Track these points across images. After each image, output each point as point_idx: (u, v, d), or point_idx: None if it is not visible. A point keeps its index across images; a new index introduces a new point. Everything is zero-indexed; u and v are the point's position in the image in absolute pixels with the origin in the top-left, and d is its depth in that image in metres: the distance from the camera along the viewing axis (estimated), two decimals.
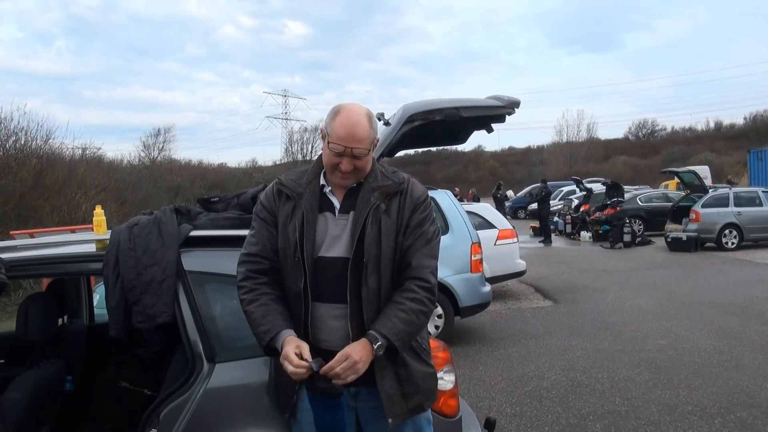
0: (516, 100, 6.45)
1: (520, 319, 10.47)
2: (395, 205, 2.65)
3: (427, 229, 2.67)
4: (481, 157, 76.97)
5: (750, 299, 11.31)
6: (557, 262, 17.67)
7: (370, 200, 2.62)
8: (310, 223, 2.62)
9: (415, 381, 2.63)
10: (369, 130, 2.62)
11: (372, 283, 2.56)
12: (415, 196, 2.68)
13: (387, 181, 2.69)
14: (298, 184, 2.72)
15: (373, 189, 2.65)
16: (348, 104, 2.66)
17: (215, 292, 3.16)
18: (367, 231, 2.57)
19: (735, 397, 6.32)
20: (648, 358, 7.83)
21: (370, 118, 2.65)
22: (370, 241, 2.56)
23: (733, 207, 19.36)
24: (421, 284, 2.59)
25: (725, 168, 48.71)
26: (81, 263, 3.44)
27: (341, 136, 2.56)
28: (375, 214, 2.60)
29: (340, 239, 2.63)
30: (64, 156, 19.41)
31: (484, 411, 5.92)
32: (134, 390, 4.40)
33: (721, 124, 75.24)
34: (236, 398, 2.88)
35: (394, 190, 2.67)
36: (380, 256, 2.58)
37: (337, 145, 2.56)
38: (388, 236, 2.60)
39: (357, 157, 2.59)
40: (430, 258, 2.66)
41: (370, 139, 2.62)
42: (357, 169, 2.62)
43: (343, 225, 2.64)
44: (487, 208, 12.72)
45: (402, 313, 2.54)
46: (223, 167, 47.62)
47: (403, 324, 2.52)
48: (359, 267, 2.56)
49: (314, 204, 2.66)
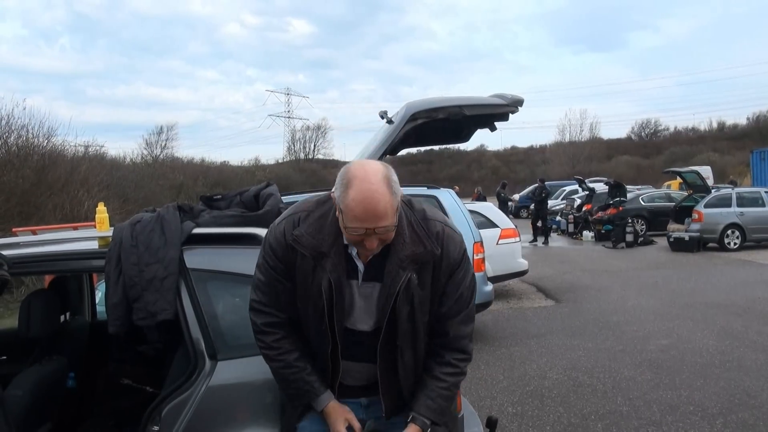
0: (519, 99, 6.44)
1: (521, 319, 10.47)
2: (428, 273, 2.37)
3: (464, 292, 2.45)
4: (484, 156, 76.97)
5: (752, 300, 11.30)
6: (559, 261, 17.67)
7: (400, 274, 2.33)
8: (339, 292, 2.37)
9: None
10: (391, 199, 2.22)
11: (408, 359, 2.45)
12: (452, 258, 2.40)
13: (418, 247, 2.34)
14: (319, 242, 2.36)
15: (402, 260, 2.33)
16: (360, 169, 2.26)
17: (217, 290, 3.16)
18: (399, 309, 2.34)
19: (737, 398, 6.32)
20: (650, 358, 7.83)
21: (388, 181, 2.23)
22: (403, 321, 2.36)
23: (736, 207, 19.34)
24: (460, 357, 2.49)
25: (728, 168, 48.68)
26: (83, 260, 3.44)
27: (358, 216, 2.20)
28: (407, 289, 2.33)
29: (368, 311, 2.44)
30: (67, 153, 19.45)
31: (485, 410, 5.92)
32: (136, 387, 4.40)
33: (724, 125, 75.25)
34: (238, 396, 2.87)
35: (427, 259, 2.36)
36: (415, 332, 2.41)
37: (356, 228, 2.23)
38: (422, 310, 2.39)
39: (383, 233, 2.26)
40: (468, 322, 2.50)
41: (395, 210, 2.24)
42: (385, 242, 2.31)
43: (368, 294, 2.42)
44: (490, 207, 12.72)
45: (445, 391, 2.47)
46: (226, 165, 47.74)
47: (445, 401, 2.47)
48: (392, 343, 2.40)
49: (341, 269, 2.37)
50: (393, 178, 2.25)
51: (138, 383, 4.41)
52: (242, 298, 3.19)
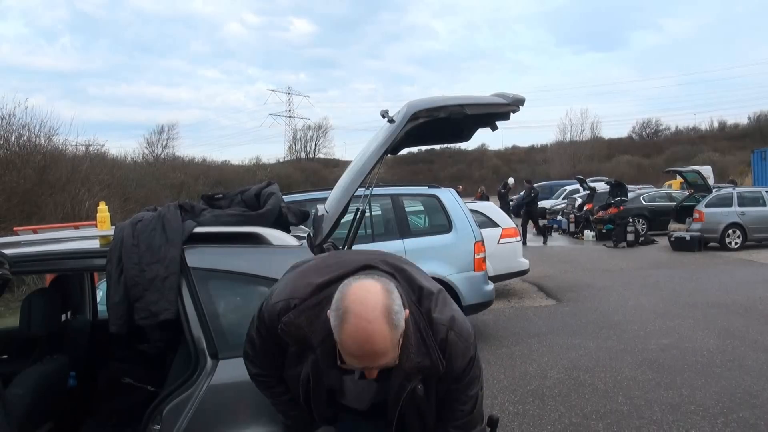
0: (521, 98, 6.42)
1: (522, 318, 10.47)
2: (433, 384, 2.26)
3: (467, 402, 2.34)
4: (485, 155, 76.89)
5: (753, 299, 11.29)
6: (560, 261, 17.66)
7: (405, 385, 2.20)
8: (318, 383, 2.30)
9: None
10: (390, 335, 2.03)
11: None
12: (455, 370, 2.25)
13: (425, 359, 2.18)
14: (310, 333, 2.22)
15: (408, 372, 2.18)
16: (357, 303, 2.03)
17: (219, 289, 3.16)
18: (406, 414, 2.26)
19: (738, 397, 6.31)
20: (651, 357, 7.83)
21: (388, 314, 2.02)
22: (410, 423, 2.29)
23: (737, 207, 19.32)
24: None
25: (729, 168, 48.65)
26: (84, 259, 3.44)
27: (354, 354, 2.04)
28: (412, 399, 2.23)
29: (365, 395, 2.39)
30: (68, 153, 19.47)
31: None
32: (137, 386, 4.40)
33: (725, 124, 75.22)
34: (239, 395, 2.87)
35: (432, 374, 2.21)
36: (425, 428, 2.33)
37: (353, 365, 2.09)
38: (430, 415, 2.30)
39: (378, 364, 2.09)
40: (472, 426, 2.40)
41: (395, 345, 2.06)
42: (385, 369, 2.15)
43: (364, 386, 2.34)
44: (491, 206, 12.72)
45: None
46: (227, 165, 47.82)
47: None
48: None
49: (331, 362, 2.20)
50: (394, 308, 2.04)
51: (139, 382, 4.41)
52: (243, 297, 3.19)
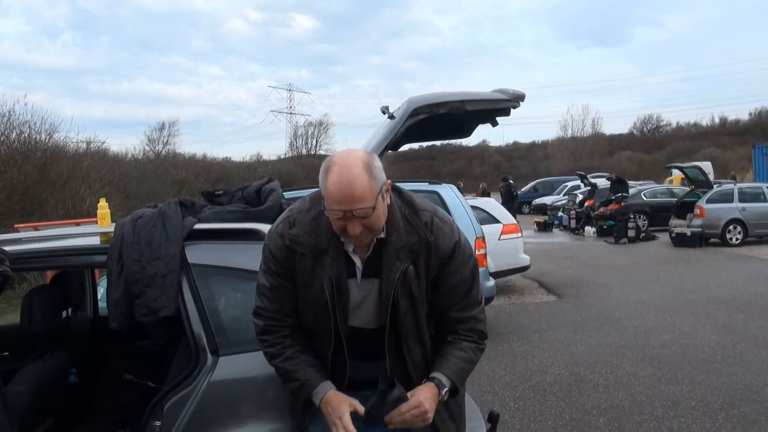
0: (521, 94, 6.43)
1: (523, 314, 10.48)
2: (422, 263, 2.37)
3: (460, 282, 2.43)
4: (486, 151, 76.83)
5: (754, 295, 11.30)
6: (561, 257, 17.67)
7: (397, 265, 2.34)
8: (340, 290, 2.37)
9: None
10: (369, 182, 2.22)
11: (416, 355, 2.44)
12: (441, 249, 2.38)
13: (413, 236, 2.35)
14: (317, 240, 2.37)
15: (398, 251, 2.34)
16: (340, 156, 2.29)
17: (219, 285, 3.16)
18: (400, 303, 2.34)
19: (738, 393, 6.32)
20: (652, 353, 7.83)
21: (368, 166, 2.24)
22: (404, 313, 2.36)
23: (738, 203, 19.33)
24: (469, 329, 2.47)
25: (730, 164, 48.68)
26: (85, 256, 3.44)
27: (336, 198, 2.21)
28: (404, 281, 2.33)
29: (368, 308, 2.44)
30: (69, 149, 19.47)
31: (487, 405, 5.92)
32: (138, 382, 4.40)
33: (726, 120, 75.09)
34: (240, 391, 2.87)
35: (421, 248, 2.36)
36: (418, 326, 2.41)
37: (335, 211, 2.23)
38: (422, 301, 2.39)
39: (365, 217, 2.23)
40: (471, 307, 2.47)
41: (373, 193, 2.22)
42: (369, 229, 2.28)
43: (368, 290, 2.43)
44: (492, 202, 12.73)
45: (461, 352, 2.43)
46: (228, 161, 47.69)
47: (463, 362, 2.43)
48: (398, 339, 2.40)
49: (341, 267, 2.37)
50: (374, 164, 2.26)
51: (140, 379, 4.42)
52: (244, 293, 3.19)
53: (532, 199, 39.21)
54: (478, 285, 2.50)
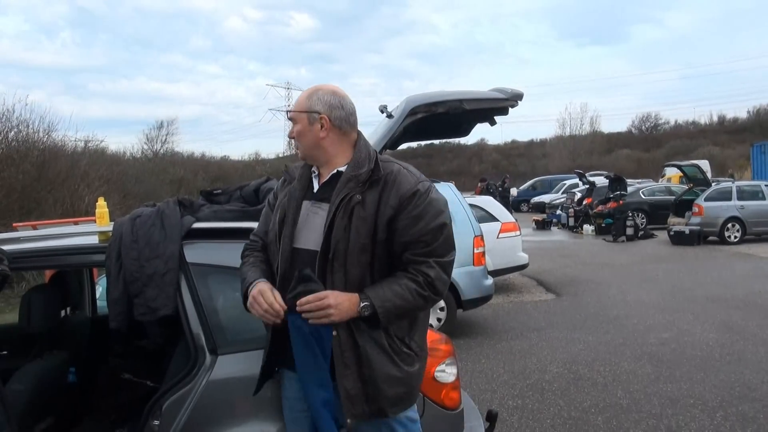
0: (519, 93, 6.44)
1: (522, 312, 10.48)
2: (374, 198, 2.49)
3: (421, 230, 2.48)
4: (484, 150, 76.78)
5: (752, 293, 11.31)
6: (560, 255, 17.67)
7: (343, 190, 2.50)
8: (291, 209, 2.63)
9: (378, 384, 2.48)
10: (303, 101, 2.65)
11: (337, 280, 2.47)
12: (401, 191, 2.49)
13: (360, 168, 2.54)
14: (296, 169, 2.76)
15: (348, 179, 2.53)
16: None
17: (218, 284, 3.17)
18: (336, 223, 2.46)
19: (737, 391, 6.33)
20: (650, 351, 7.84)
21: (314, 91, 2.65)
22: (338, 235, 2.46)
23: (736, 201, 19.34)
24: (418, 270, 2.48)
25: (728, 162, 48.69)
26: (84, 255, 3.45)
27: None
28: (347, 205, 2.47)
29: (313, 230, 2.56)
30: (67, 148, 19.43)
31: (486, 403, 5.93)
32: (137, 382, 4.41)
33: (725, 118, 74.97)
34: (239, 390, 2.87)
35: (365, 178, 2.51)
36: (347, 252, 2.46)
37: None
38: (358, 230, 2.46)
39: (293, 121, 2.66)
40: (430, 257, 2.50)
41: (299, 107, 2.64)
42: (297, 137, 2.65)
43: (316, 212, 2.60)
44: (490, 201, 12.72)
45: (396, 286, 2.46)
46: (226, 160, 47.53)
47: (392, 294, 2.44)
48: (325, 261, 2.48)
49: (301, 189, 2.67)
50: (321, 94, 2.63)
51: (138, 378, 4.42)
52: None
53: (531, 198, 39.25)
54: (446, 243, 2.55)
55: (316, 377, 2.50)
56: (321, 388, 2.50)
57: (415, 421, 2.68)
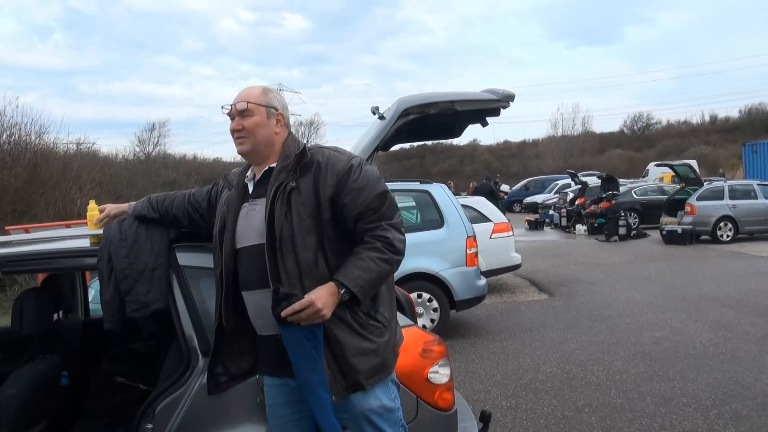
0: (511, 94, 6.45)
1: (515, 313, 10.49)
2: (309, 181, 2.58)
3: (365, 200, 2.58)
4: (477, 150, 76.69)
5: (745, 292, 11.34)
6: (552, 255, 17.70)
7: (276, 181, 2.59)
8: (231, 215, 2.69)
9: (347, 359, 2.54)
10: (259, 95, 2.70)
11: (289, 266, 2.53)
12: (335, 169, 2.60)
13: (289, 159, 2.65)
14: (234, 176, 2.85)
15: (279, 170, 2.63)
16: None
17: (210, 287, 3.15)
18: (276, 212, 2.54)
19: (730, 389, 6.34)
20: (643, 350, 7.85)
21: (268, 89, 2.74)
22: (280, 222, 2.53)
23: (728, 200, 19.40)
24: (374, 236, 2.57)
25: (720, 161, 48.83)
26: (76, 258, 3.44)
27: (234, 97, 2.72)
28: (283, 193, 2.56)
29: (253, 226, 2.63)
30: (59, 151, 19.39)
31: (479, 404, 5.94)
32: (130, 385, 4.40)
33: (716, 118, 75.01)
34: (231, 393, 2.87)
35: (294, 165, 2.62)
36: (293, 237, 2.53)
37: (226, 106, 2.73)
38: (300, 214, 2.54)
39: (242, 114, 2.67)
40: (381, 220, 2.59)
41: (257, 100, 2.68)
42: (248, 130, 2.67)
43: (253, 208, 2.67)
44: (482, 201, 12.73)
45: (359, 261, 2.53)
46: (218, 162, 47.52)
47: (360, 270, 2.50)
48: (273, 250, 2.53)
49: (237, 194, 2.74)
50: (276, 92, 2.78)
51: (131, 381, 4.42)
52: None
53: (523, 198, 39.33)
54: (391, 207, 2.65)
55: (317, 379, 2.51)
56: (323, 388, 2.52)
57: (392, 410, 2.70)
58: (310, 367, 2.50)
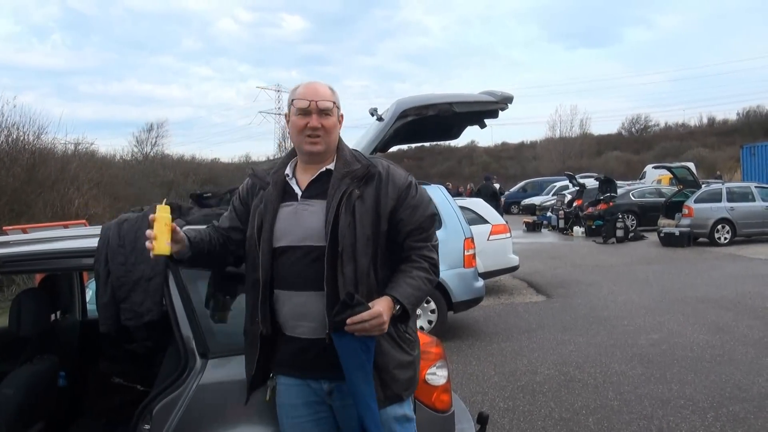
0: (509, 96, 6.45)
1: (513, 314, 10.49)
2: (371, 192, 2.60)
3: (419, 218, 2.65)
4: (475, 152, 76.70)
5: (742, 294, 11.35)
6: (550, 257, 17.70)
7: (341, 186, 2.58)
8: (269, 212, 2.64)
9: (390, 370, 2.58)
10: (332, 94, 2.66)
11: (348, 272, 2.52)
12: (398, 183, 2.64)
13: (356, 165, 2.64)
14: (267, 174, 2.76)
15: (343, 175, 2.61)
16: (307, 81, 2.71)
17: (209, 288, 3.16)
18: (341, 219, 2.52)
19: (727, 391, 6.35)
20: (641, 352, 7.86)
21: (332, 88, 2.68)
22: (344, 229, 2.52)
23: (726, 202, 19.42)
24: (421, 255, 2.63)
25: (718, 163, 48.85)
26: (74, 259, 3.44)
27: (303, 94, 2.61)
28: (348, 200, 2.55)
29: (302, 226, 2.60)
30: (57, 151, 19.40)
31: (477, 406, 5.93)
32: (127, 386, 4.40)
33: (714, 120, 75.07)
34: (229, 394, 2.87)
35: (362, 173, 2.61)
36: (355, 245, 2.54)
37: (302, 101, 2.60)
38: (363, 223, 2.55)
39: (324, 113, 2.61)
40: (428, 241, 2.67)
41: (334, 99, 2.65)
42: (325, 130, 2.62)
43: (304, 210, 2.63)
44: (480, 203, 12.72)
45: (410, 279, 2.57)
46: (217, 162, 47.55)
47: (412, 289, 2.55)
48: (334, 256, 2.52)
49: (278, 192, 2.68)
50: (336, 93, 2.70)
51: (129, 382, 4.42)
52: (233, 295, 3.19)
53: (521, 200, 39.34)
54: (434, 229, 2.74)
55: (369, 392, 2.53)
56: (373, 400, 2.53)
57: (411, 420, 2.76)
58: (362, 379, 2.50)
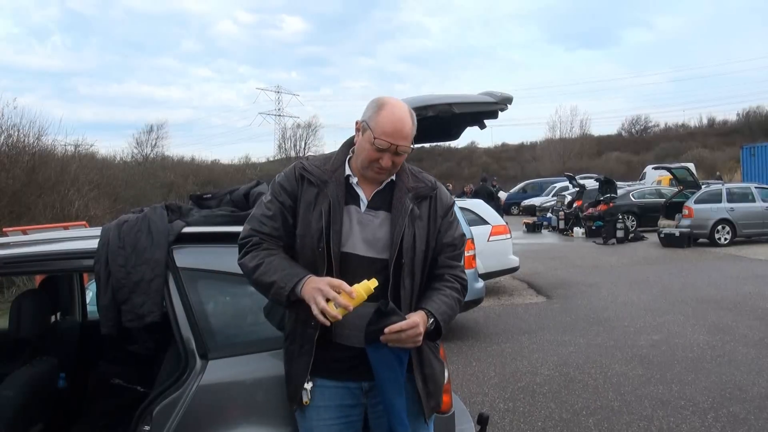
0: (509, 96, 6.43)
1: (513, 315, 10.49)
2: (426, 209, 2.66)
3: (453, 234, 2.72)
4: (475, 153, 76.74)
5: (742, 295, 11.36)
6: (550, 258, 17.70)
7: (406, 202, 2.61)
8: (337, 213, 2.55)
9: (435, 379, 2.67)
10: (413, 127, 2.60)
11: (408, 284, 2.57)
12: (445, 202, 2.72)
13: (419, 183, 2.69)
14: (323, 171, 2.63)
15: (407, 190, 2.64)
16: (391, 98, 2.62)
17: (208, 288, 3.16)
18: (406, 234, 2.56)
19: (728, 392, 6.35)
20: (641, 353, 7.86)
21: (412, 115, 2.61)
22: (408, 244, 2.57)
23: (726, 203, 19.43)
24: (454, 276, 2.68)
25: (718, 164, 48.87)
26: (74, 260, 3.43)
27: (387, 132, 2.51)
28: (411, 217, 2.59)
29: (366, 237, 2.60)
30: (57, 153, 19.39)
31: (477, 406, 5.93)
32: (127, 387, 4.39)
33: (714, 120, 75.23)
34: (229, 395, 2.87)
35: (426, 194, 2.67)
36: (415, 259, 2.59)
37: (383, 141, 2.50)
38: (421, 239, 2.61)
39: (399, 155, 2.56)
40: (459, 260, 2.73)
41: (412, 137, 2.60)
42: (395, 166, 2.59)
43: (368, 221, 2.61)
44: (480, 204, 12.72)
45: (444, 297, 2.60)
46: (216, 164, 47.57)
47: (446, 307, 2.58)
48: (399, 269, 2.55)
49: (341, 194, 2.59)
50: (414, 115, 2.61)
51: (129, 383, 4.41)
52: (233, 296, 3.19)
53: (521, 201, 39.36)
54: (464, 250, 2.83)
55: (401, 404, 2.55)
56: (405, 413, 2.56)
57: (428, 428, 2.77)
58: (396, 391, 2.52)
